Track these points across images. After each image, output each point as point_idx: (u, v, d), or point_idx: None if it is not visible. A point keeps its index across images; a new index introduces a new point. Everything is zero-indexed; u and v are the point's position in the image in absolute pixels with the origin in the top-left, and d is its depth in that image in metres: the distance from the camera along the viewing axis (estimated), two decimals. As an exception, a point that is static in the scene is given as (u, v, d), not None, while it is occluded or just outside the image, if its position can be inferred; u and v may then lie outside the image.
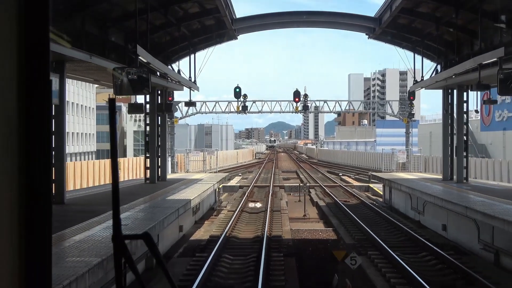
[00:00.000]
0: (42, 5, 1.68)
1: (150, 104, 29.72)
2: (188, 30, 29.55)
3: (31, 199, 1.67)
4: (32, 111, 1.67)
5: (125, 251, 2.06)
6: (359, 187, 46.22)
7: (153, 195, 24.09)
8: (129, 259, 2.07)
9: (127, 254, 2.06)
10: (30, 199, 1.67)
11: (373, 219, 27.96)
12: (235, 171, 70.70)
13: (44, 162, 1.71)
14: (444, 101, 31.57)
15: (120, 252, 2.06)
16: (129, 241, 8.00)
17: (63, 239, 13.21)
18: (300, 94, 56.17)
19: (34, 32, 1.67)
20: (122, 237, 2.05)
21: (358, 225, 25.19)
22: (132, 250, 13.53)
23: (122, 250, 2.06)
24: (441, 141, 31.08)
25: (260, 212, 30.24)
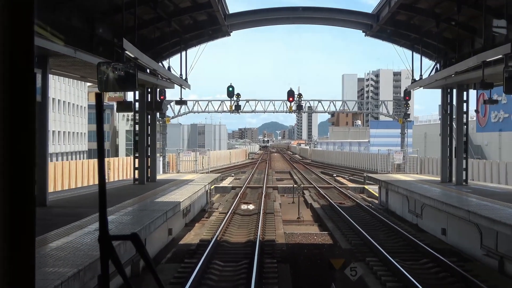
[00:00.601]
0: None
1: (139, 102, 28.67)
2: (179, 26, 28.50)
3: (14, 200, 1.66)
4: (15, 108, 1.66)
5: (112, 252, 2.01)
6: (354, 188, 45.28)
7: (141, 197, 23.08)
8: (117, 261, 2.02)
9: (114, 256, 2.01)
10: (13, 201, 1.66)
11: (370, 222, 27.04)
12: (227, 171, 69.77)
13: (27, 162, 1.70)
14: (443, 101, 30.66)
15: (107, 253, 2.01)
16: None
17: (38, 245, 12.18)
18: (294, 93, 55.34)
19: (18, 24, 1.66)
20: (109, 238, 2.01)
21: (355, 228, 24.26)
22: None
23: (109, 252, 2.01)
24: (436, 142, 30.31)
25: (253, 214, 29.27)
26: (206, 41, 31.76)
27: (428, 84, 29.51)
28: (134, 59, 19.14)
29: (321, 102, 62.09)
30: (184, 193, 25.01)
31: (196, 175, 38.35)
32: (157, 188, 26.97)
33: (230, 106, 56.15)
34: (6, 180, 1.65)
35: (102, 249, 2.00)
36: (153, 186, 27.93)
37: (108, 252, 2.00)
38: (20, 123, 1.67)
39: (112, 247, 2.00)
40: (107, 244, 2.00)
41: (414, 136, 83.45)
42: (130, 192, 24.89)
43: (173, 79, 28.02)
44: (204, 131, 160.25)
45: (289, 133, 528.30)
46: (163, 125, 53.05)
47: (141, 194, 24.16)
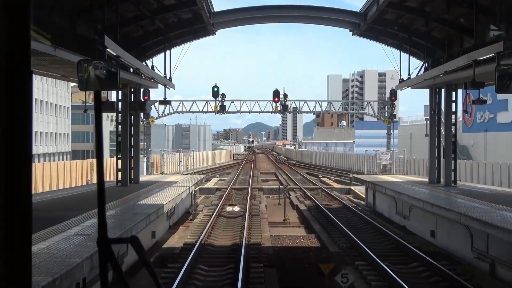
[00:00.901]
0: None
1: (122, 102, 28.05)
2: (163, 24, 27.87)
3: (10, 199, 1.67)
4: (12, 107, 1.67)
5: (111, 256, 1.99)
6: (340, 189, 44.84)
7: (123, 199, 22.47)
8: (116, 264, 2.00)
9: (113, 259, 2.00)
10: (8, 199, 1.67)
11: (357, 224, 26.57)
12: (212, 172, 69.22)
13: (24, 161, 1.72)
14: (432, 101, 30.27)
15: (105, 257, 2.00)
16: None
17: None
18: (280, 94, 54.85)
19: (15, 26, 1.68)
20: (108, 240, 1.99)
21: (342, 231, 23.78)
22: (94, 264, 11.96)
23: (108, 255, 1.99)
24: (422, 142, 29.89)
25: (238, 216, 28.70)
26: (191, 40, 31.15)
27: (416, 84, 29.11)
28: (116, 57, 18.51)
29: (306, 103, 61.62)
30: (168, 195, 24.43)
31: (180, 176, 37.75)
32: (140, 190, 26.37)
33: (215, 107, 55.57)
34: (2, 178, 1.66)
35: (101, 252, 1.99)
36: (136, 188, 27.32)
37: (107, 255, 1.99)
38: (17, 122, 1.67)
39: (111, 250, 1.99)
40: (106, 247, 1.98)
41: (400, 137, 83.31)
42: (112, 194, 24.23)
43: (156, 79, 27.39)
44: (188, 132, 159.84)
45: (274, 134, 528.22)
46: (147, 126, 52.41)
47: (123, 196, 23.55)
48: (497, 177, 36.92)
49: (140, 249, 2.06)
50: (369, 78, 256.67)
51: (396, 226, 26.85)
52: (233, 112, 59.87)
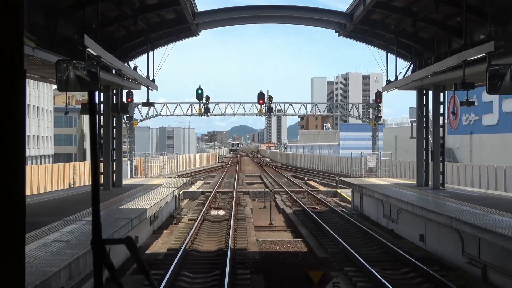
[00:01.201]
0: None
1: (104, 104, 27.39)
2: (145, 24, 27.26)
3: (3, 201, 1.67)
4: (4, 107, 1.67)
5: (105, 257, 1.97)
6: (326, 192, 44.40)
7: (105, 204, 21.83)
8: (110, 266, 1.97)
9: (107, 260, 1.97)
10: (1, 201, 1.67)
11: (345, 228, 26.11)
12: (197, 175, 68.59)
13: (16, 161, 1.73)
14: (419, 102, 29.86)
15: (100, 258, 1.96)
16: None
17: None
18: (265, 96, 54.43)
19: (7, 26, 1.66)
20: (102, 241, 1.97)
21: (330, 235, 23.29)
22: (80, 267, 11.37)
23: (102, 256, 1.96)
24: (407, 145, 29.50)
25: (224, 220, 28.16)
26: (174, 41, 30.51)
27: (404, 85, 28.68)
28: (97, 57, 17.90)
29: (291, 105, 61.18)
30: (151, 199, 23.84)
31: (164, 179, 37.11)
32: (123, 194, 25.74)
33: (199, 109, 55.04)
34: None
35: (95, 254, 1.96)
36: (119, 191, 26.68)
37: (101, 256, 1.96)
38: (8, 122, 1.67)
39: (106, 251, 1.96)
40: (100, 248, 1.96)
41: (385, 139, 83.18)
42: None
43: (139, 80, 26.75)
44: (173, 135, 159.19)
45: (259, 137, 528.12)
46: (131, 128, 51.74)
47: (106, 201, 22.91)
48: (484, 180, 36.61)
49: (134, 250, 2.04)
50: (353, 80, 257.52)
51: (384, 230, 26.43)
52: (217, 114, 59.40)
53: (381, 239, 22.08)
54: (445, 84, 27.51)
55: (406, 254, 18.91)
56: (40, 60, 18.57)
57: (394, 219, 26.48)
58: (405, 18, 26.40)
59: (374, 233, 23.56)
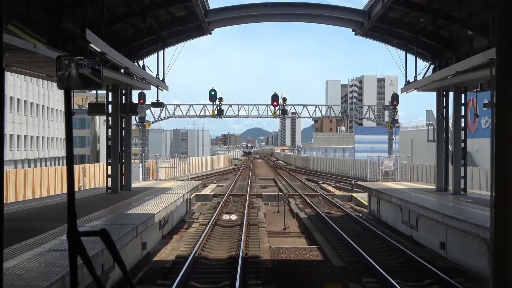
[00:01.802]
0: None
1: (112, 104, 26.49)
2: (155, 22, 26.30)
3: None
4: None
5: (81, 249, 2.00)
6: (341, 196, 43.28)
7: (112, 208, 20.93)
8: (85, 257, 2.01)
9: (83, 252, 1.99)
10: None
11: (362, 234, 25.02)
12: (210, 178, 67.73)
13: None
14: (439, 104, 28.70)
15: (75, 250, 1.98)
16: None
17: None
18: (279, 97, 53.52)
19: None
20: (77, 233, 2.00)
21: (346, 242, 22.21)
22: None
23: (77, 248, 1.98)
24: (423, 148, 28.38)
25: (236, 225, 27.14)
26: (185, 40, 29.57)
27: (424, 86, 27.55)
28: (101, 54, 16.97)
29: (306, 107, 60.21)
30: (160, 203, 22.90)
31: (175, 182, 36.16)
32: (131, 197, 24.84)
33: (212, 111, 54.34)
34: None
35: (71, 245, 1.99)
36: (127, 195, 25.77)
37: (76, 248, 1.99)
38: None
39: (81, 243, 2.01)
40: (76, 240, 2.00)
41: (401, 142, 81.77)
42: (100, 203, 22.71)
43: (148, 79, 25.81)
44: (187, 137, 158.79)
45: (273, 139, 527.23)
46: (143, 130, 51.14)
47: (112, 205, 22.05)
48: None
49: (110, 242, 2.05)
50: (368, 83, 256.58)
51: (402, 237, 25.34)
52: (231, 116, 58.59)
53: (400, 246, 20.96)
54: (466, 85, 26.38)
55: (428, 264, 17.81)
56: (43, 57, 17.69)
57: (413, 225, 25.40)
58: (425, 16, 25.26)
59: (393, 240, 22.46)
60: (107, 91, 26.35)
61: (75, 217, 2.01)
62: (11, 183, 34.73)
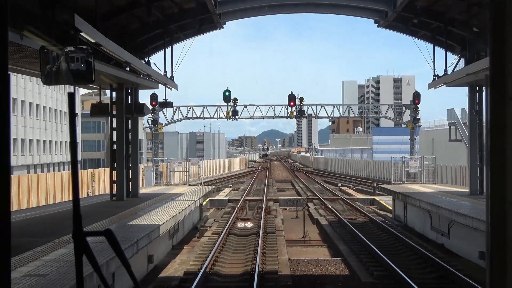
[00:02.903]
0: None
1: (117, 104, 24.47)
2: (161, 14, 24.25)
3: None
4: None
5: (87, 248, 1.99)
6: (363, 200, 40.98)
7: (115, 218, 18.96)
8: (91, 256, 2.01)
9: (88, 251, 1.99)
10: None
11: (390, 243, 22.84)
12: (225, 181, 65.77)
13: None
14: (472, 100, 26.41)
15: (81, 249, 1.98)
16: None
17: None
18: (295, 97, 51.41)
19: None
20: (83, 234, 1.99)
21: (374, 253, 20.05)
22: None
23: (83, 248, 1.98)
24: (444, 148, 26.22)
25: (251, 234, 25.03)
26: (195, 34, 27.50)
27: (454, 80, 25.32)
28: (96, 45, 14.94)
29: (324, 107, 57.89)
30: (168, 211, 20.87)
31: (187, 188, 34.04)
32: (138, 205, 22.84)
33: (227, 112, 52.30)
34: None
35: (76, 245, 1.96)
36: (133, 202, 23.76)
37: (82, 248, 1.96)
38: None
39: (86, 243, 1.97)
40: (81, 240, 1.96)
41: (421, 142, 79.27)
42: (102, 212, 20.73)
43: (154, 76, 23.73)
44: (203, 140, 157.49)
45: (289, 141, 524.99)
46: (156, 133, 49.40)
47: (116, 214, 20.10)
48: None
49: (115, 242, 2.01)
50: (384, 83, 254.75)
51: (433, 245, 23.17)
52: (246, 117, 56.30)
53: (434, 258, 18.73)
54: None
55: (469, 279, 15.62)
56: (34, 51, 15.70)
57: (445, 233, 23.25)
58: (456, 4, 23.02)
59: (425, 250, 20.25)
60: (111, 90, 24.36)
61: (80, 218, 1.94)
62: (13, 190, 32.98)
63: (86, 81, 14.51)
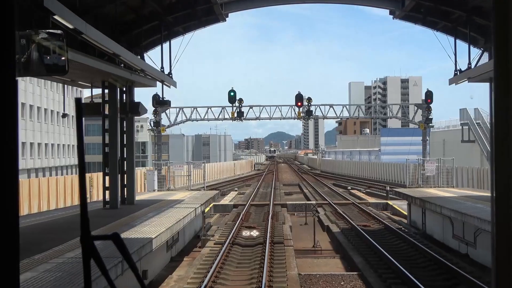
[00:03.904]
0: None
1: (109, 103, 22.36)
2: (158, 5, 22.10)
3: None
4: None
5: (94, 252, 1.99)
6: (375, 204, 38.80)
7: (102, 230, 16.84)
8: (99, 260, 2.00)
9: (96, 255, 1.98)
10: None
11: (411, 255, 20.72)
12: (231, 185, 63.74)
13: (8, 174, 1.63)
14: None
15: (89, 254, 1.99)
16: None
17: None
18: (303, 97, 49.30)
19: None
20: (90, 238, 1.98)
21: (394, 267, 17.93)
22: None
23: (91, 252, 1.98)
24: (456, 149, 24.21)
25: (257, 244, 22.91)
26: (196, 28, 25.36)
27: (479, 75, 23.12)
28: (76, 32, 12.85)
29: (332, 107, 55.64)
30: (165, 221, 18.77)
31: (189, 193, 31.84)
32: (132, 214, 20.75)
33: (232, 113, 50.13)
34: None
35: (84, 249, 1.98)
36: (127, 211, 21.67)
37: (90, 252, 1.97)
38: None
39: (94, 247, 1.97)
40: (89, 244, 1.97)
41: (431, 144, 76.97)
42: (93, 222, 18.57)
43: (148, 72, 21.56)
44: (209, 142, 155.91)
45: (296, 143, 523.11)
46: (158, 135, 47.45)
47: (106, 225, 18.04)
48: None
49: (122, 246, 2.04)
50: (391, 84, 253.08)
51: (457, 255, 21.09)
52: (252, 118, 54.08)
53: (465, 274, 16.57)
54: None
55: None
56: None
57: (470, 242, 21.15)
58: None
59: (451, 263, 18.12)
60: (103, 88, 22.25)
61: (88, 221, 1.88)
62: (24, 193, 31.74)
63: (59, 71, 12.48)
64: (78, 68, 18.98)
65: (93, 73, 20.38)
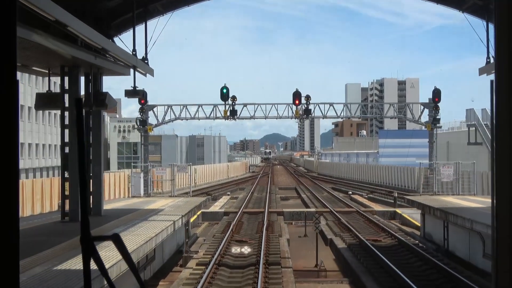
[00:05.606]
0: None
1: (69, 94, 18.31)
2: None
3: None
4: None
5: (94, 252, 2.00)
6: (382, 213, 34.74)
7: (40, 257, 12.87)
8: (98, 260, 2.01)
9: (96, 255, 2.00)
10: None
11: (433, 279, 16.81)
12: (223, 188, 59.78)
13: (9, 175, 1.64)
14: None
15: (89, 254, 2.00)
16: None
17: None
18: (301, 95, 45.38)
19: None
20: (90, 238, 2.00)
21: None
22: None
23: (91, 252, 1.99)
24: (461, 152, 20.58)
25: (249, 265, 18.92)
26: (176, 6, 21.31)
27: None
28: None
29: (332, 106, 51.65)
30: (133, 240, 14.84)
31: (171, 200, 27.64)
32: (94, 229, 16.72)
33: (225, 111, 46.14)
34: None
35: (84, 250, 1.98)
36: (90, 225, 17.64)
37: (90, 252, 1.98)
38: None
39: (94, 247, 1.99)
40: (89, 244, 1.98)
41: (435, 146, 73.20)
42: (38, 242, 14.65)
43: (114, 52, 17.25)
44: (203, 143, 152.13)
45: (291, 145, 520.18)
46: (145, 135, 43.71)
47: (55, 246, 14.07)
48: None
49: (122, 247, 2.04)
50: (388, 86, 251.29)
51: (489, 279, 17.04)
52: (246, 117, 49.97)
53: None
54: None
55: None
56: None
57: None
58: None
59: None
60: (63, 75, 18.24)
61: (88, 222, 1.90)
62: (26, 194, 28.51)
63: None
64: (28, 47, 15.08)
65: (49, 55, 16.46)
